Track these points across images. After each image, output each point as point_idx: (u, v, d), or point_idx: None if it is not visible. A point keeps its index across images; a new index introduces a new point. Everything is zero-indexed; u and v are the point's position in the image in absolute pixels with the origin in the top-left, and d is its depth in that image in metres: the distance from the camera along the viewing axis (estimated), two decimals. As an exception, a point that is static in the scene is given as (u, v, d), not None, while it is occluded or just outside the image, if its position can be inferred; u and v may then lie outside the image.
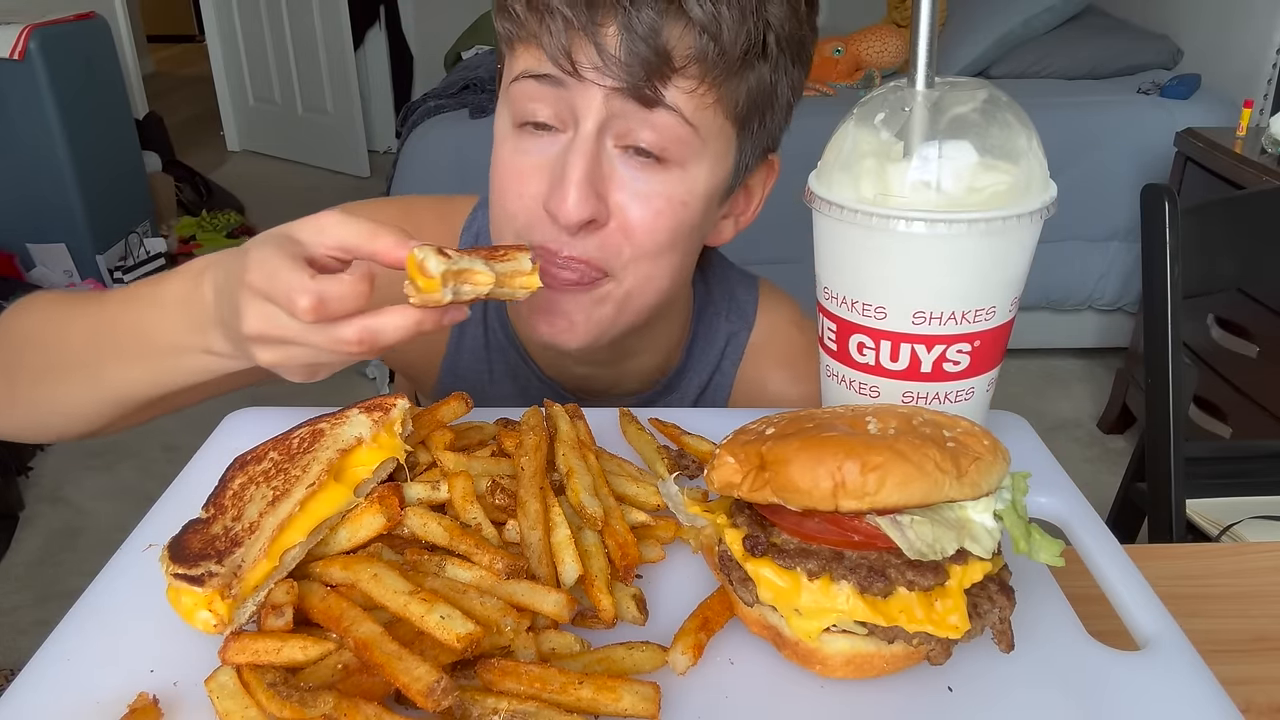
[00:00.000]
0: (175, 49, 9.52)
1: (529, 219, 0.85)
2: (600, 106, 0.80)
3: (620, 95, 0.80)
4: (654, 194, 0.84)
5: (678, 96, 0.80)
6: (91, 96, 4.17)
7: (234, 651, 0.55)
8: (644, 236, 0.85)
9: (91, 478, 3.16)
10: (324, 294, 0.63)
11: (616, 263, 0.85)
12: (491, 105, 3.59)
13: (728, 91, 0.82)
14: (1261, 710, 0.71)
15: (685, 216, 0.86)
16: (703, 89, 0.81)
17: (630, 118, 0.81)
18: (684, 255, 0.90)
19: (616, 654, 0.58)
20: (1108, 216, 3.42)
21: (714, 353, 1.08)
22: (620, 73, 0.79)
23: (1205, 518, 1.54)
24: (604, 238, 0.84)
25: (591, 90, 0.80)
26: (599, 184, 0.82)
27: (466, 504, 0.67)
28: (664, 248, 0.86)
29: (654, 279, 0.88)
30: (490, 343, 1.07)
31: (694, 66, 0.79)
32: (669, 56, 0.78)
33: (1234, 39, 3.46)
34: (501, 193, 0.87)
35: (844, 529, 0.57)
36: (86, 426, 0.89)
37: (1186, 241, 1.41)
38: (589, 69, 0.79)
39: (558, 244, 0.84)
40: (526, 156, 0.85)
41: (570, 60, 0.79)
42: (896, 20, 4.20)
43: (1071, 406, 3.56)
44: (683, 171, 0.84)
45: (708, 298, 1.08)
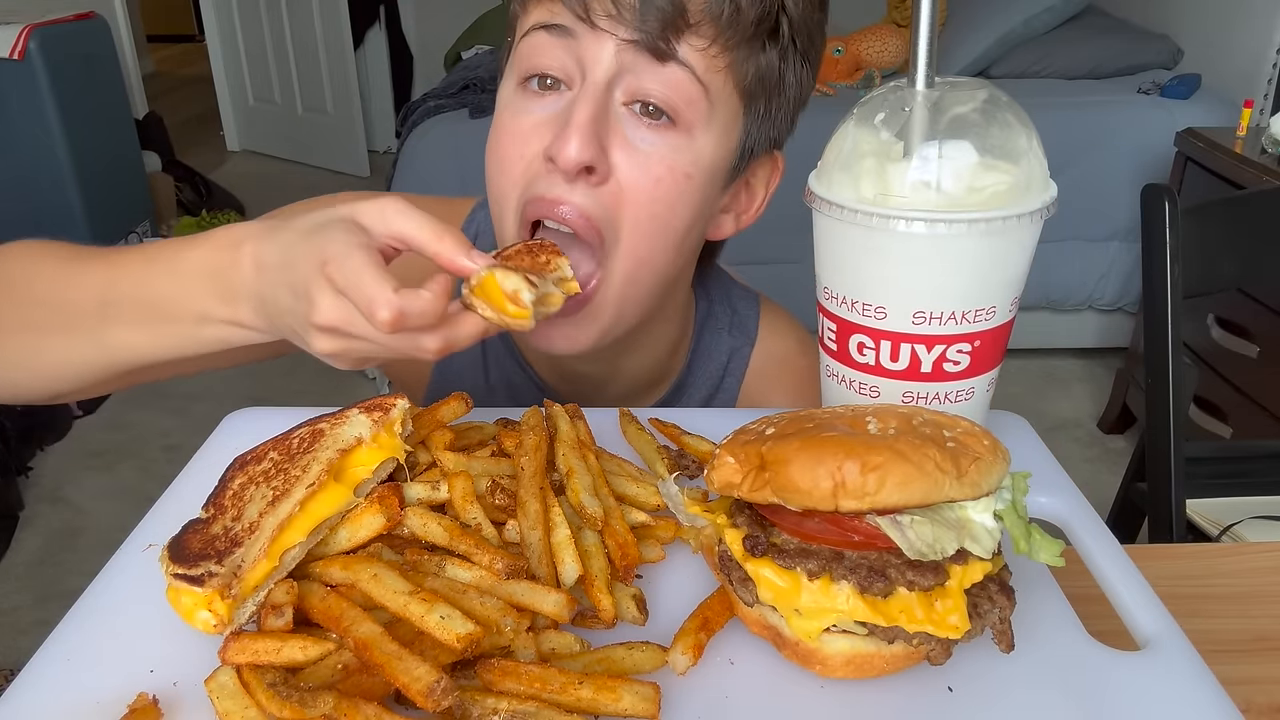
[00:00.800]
0: (175, 49, 9.52)
1: (528, 175, 0.83)
2: (611, 58, 0.79)
3: (633, 48, 0.79)
4: (657, 158, 0.81)
5: (690, 53, 0.79)
6: (91, 96, 4.17)
7: (234, 651, 0.55)
8: (642, 201, 0.82)
9: (91, 478, 3.16)
10: (406, 310, 0.63)
11: (610, 228, 0.82)
12: (491, 105, 3.60)
13: (738, 60, 0.81)
14: (1261, 710, 0.71)
15: (687, 189, 0.83)
16: (714, 49, 0.80)
17: (641, 72, 0.80)
18: (681, 238, 0.87)
19: (616, 654, 0.58)
20: (1108, 216, 3.42)
21: (716, 368, 1.07)
22: (635, 21, 0.78)
23: (1205, 518, 1.54)
24: (600, 194, 0.81)
25: (604, 40, 0.79)
26: (603, 134, 0.80)
27: (466, 504, 0.67)
28: (661, 221, 0.84)
29: (647, 265, 0.86)
30: (487, 351, 1.06)
31: (708, 25, 0.79)
32: (684, 9, 0.78)
33: (1234, 39, 3.46)
34: (501, 157, 0.84)
35: (844, 529, 0.57)
36: (61, 387, 0.85)
37: (1186, 241, 1.41)
38: (603, 17, 0.78)
39: (554, 191, 0.81)
40: (529, 115, 0.83)
41: (585, 7, 0.78)
42: (896, 20, 4.20)
43: (1071, 406, 3.56)
44: (689, 137, 0.82)
45: (709, 311, 1.07)
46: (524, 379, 1.04)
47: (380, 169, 5.89)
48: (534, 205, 0.82)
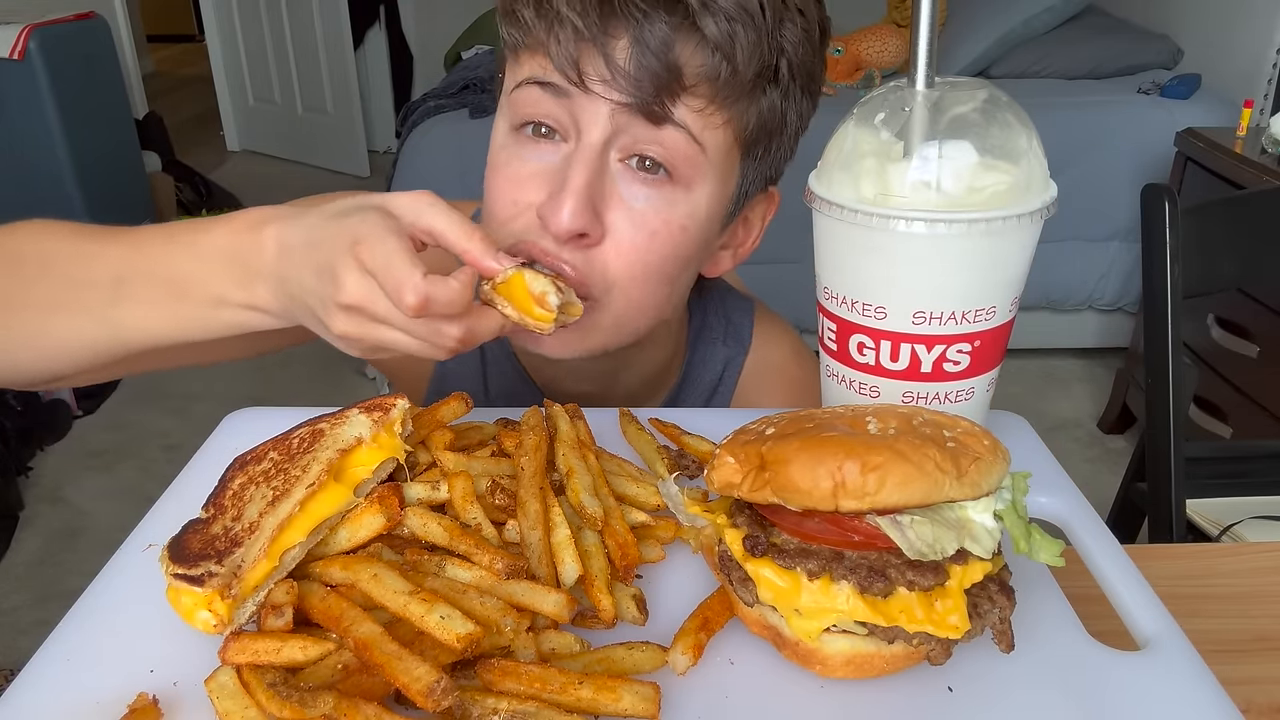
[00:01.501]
0: (175, 49, 9.52)
1: (521, 226, 0.82)
2: (606, 121, 0.79)
3: (627, 111, 0.78)
4: (652, 214, 0.81)
5: (686, 114, 0.79)
6: (91, 96, 4.17)
7: (234, 651, 0.55)
8: (636, 257, 0.82)
9: (91, 478, 3.16)
10: (433, 296, 0.65)
11: (600, 284, 0.82)
12: (492, 105, 3.59)
13: (737, 113, 0.81)
14: (1261, 710, 0.71)
15: (682, 241, 0.84)
16: (711, 109, 0.79)
17: (636, 133, 0.79)
18: (675, 284, 0.88)
19: (616, 654, 0.58)
20: (1108, 216, 3.42)
21: (710, 377, 1.06)
22: (629, 87, 0.77)
23: (1205, 518, 1.54)
24: (592, 255, 0.81)
25: (598, 103, 0.78)
26: (598, 199, 0.80)
27: (466, 504, 0.67)
28: (654, 273, 0.84)
29: (642, 306, 0.86)
30: (487, 358, 1.05)
31: (704, 85, 0.78)
32: (680, 73, 0.77)
33: (1234, 39, 3.46)
34: (495, 199, 0.85)
35: (844, 529, 0.57)
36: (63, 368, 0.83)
37: (1186, 241, 1.41)
38: (596, 81, 0.77)
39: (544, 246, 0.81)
40: (524, 164, 0.82)
41: (578, 71, 0.77)
42: (896, 20, 4.20)
43: (1071, 406, 3.56)
44: (686, 192, 0.82)
45: (704, 322, 1.06)
46: (526, 390, 1.04)
47: (380, 169, 5.89)
48: (525, 248, 0.82)
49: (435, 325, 0.67)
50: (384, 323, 0.67)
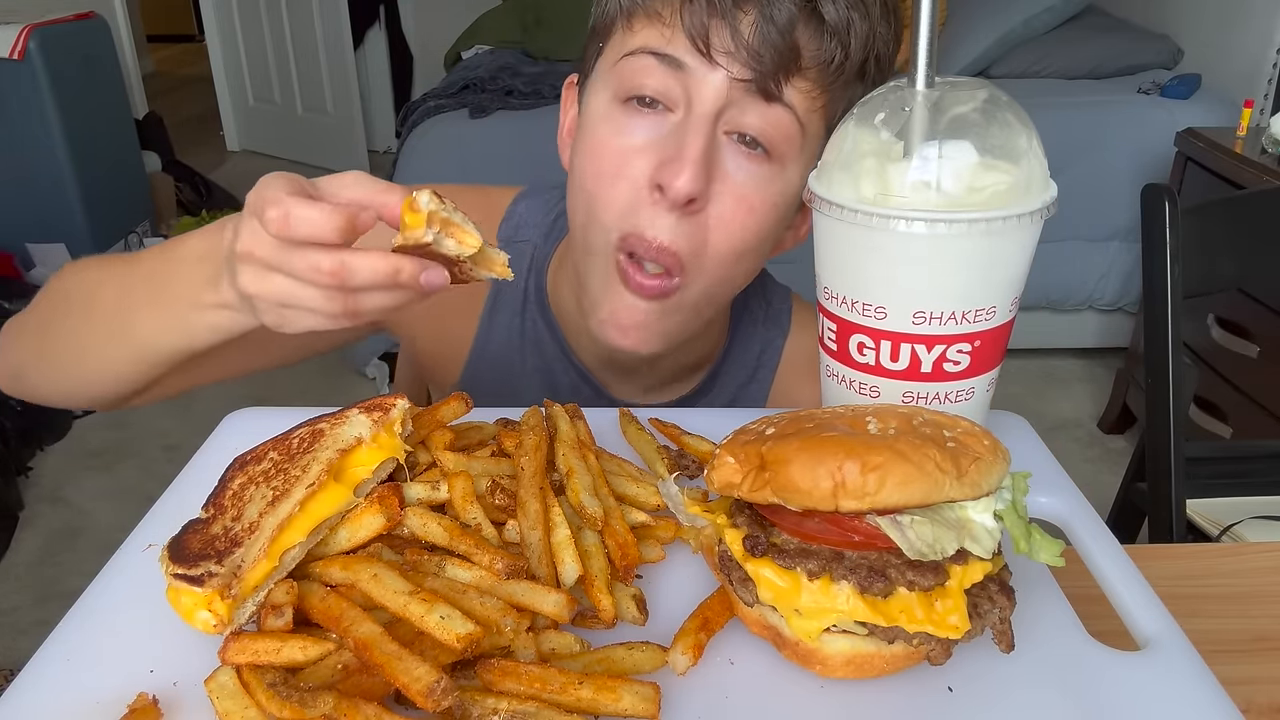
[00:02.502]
0: (175, 49, 9.52)
1: (629, 200, 0.84)
2: (722, 92, 0.81)
3: (742, 86, 0.81)
4: (752, 189, 0.84)
5: (794, 95, 0.82)
6: (91, 96, 4.17)
7: (234, 651, 0.55)
8: (734, 231, 0.85)
9: (91, 478, 3.16)
10: (291, 210, 0.61)
11: (695, 258, 0.85)
12: (492, 105, 3.61)
13: (833, 99, 0.84)
14: (1261, 710, 0.71)
15: (773, 219, 0.87)
16: (816, 91, 0.82)
17: (746, 108, 0.82)
18: (758, 260, 0.91)
19: (616, 654, 0.58)
20: (1108, 216, 3.42)
21: (750, 358, 1.08)
22: (751, 61, 0.79)
23: (1205, 518, 1.54)
24: (695, 225, 0.84)
25: (717, 74, 0.80)
26: (710, 166, 0.82)
27: (466, 504, 0.67)
28: (747, 248, 0.87)
29: (726, 282, 0.90)
30: (525, 333, 1.06)
31: (816, 69, 0.81)
32: (799, 53, 0.80)
33: (1234, 39, 3.46)
34: (599, 173, 0.85)
35: (844, 529, 0.57)
36: (116, 387, 0.86)
37: (1186, 241, 1.41)
38: (720, 53, 0.80)
39: (654, 230, 0.83)
40: (631, 136, 0.84)
41: (706, 41, 0.79)
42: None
43: (1071, 406, 3.56)
44: (781, 168, 0.85)
45: (745, 304, 1.08)
46: (564, 365, 1.05)
47: (380, 169, 5.89)
48: (633, 240, 0.84)
49: (305, 255, 0.63)
50: (268, 264, 0.65)
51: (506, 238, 1.06)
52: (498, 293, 1.06)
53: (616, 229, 0.85)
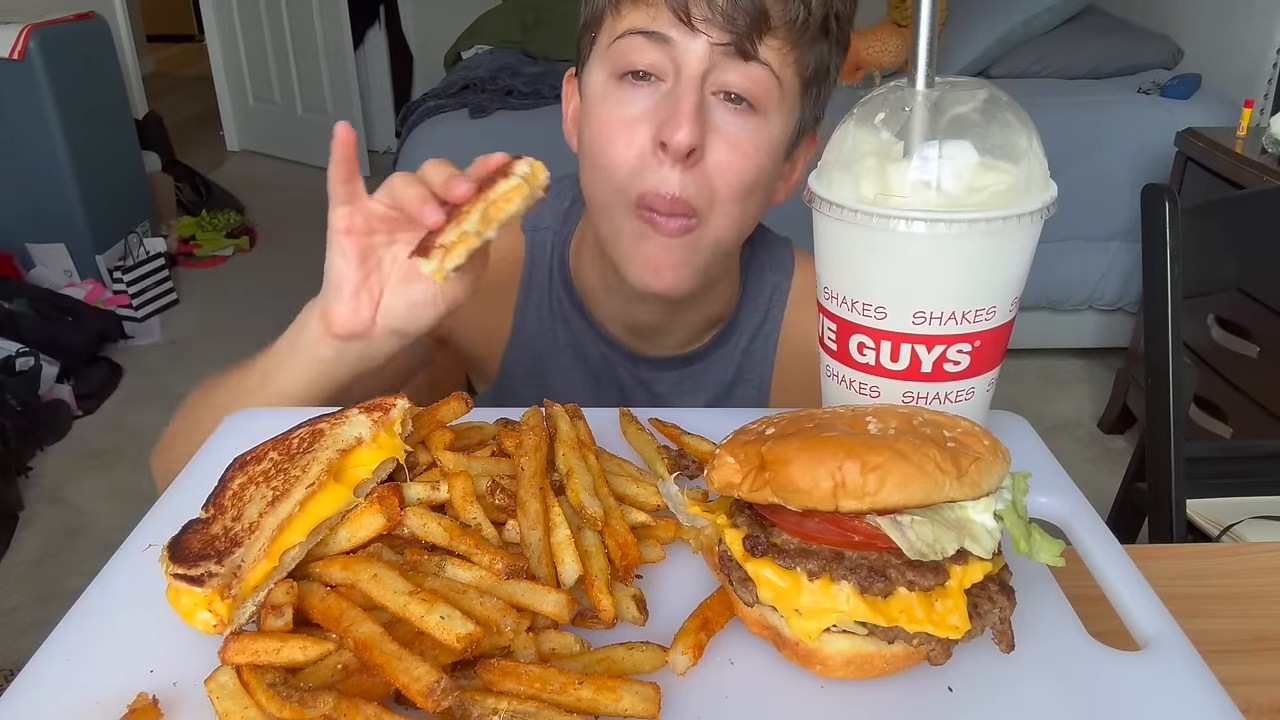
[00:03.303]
0: (175, 49, 9.52)
1: (638, 162, 0.95)
2: (704, 57, 0.92)
3: (722, 48, 0.92)
4: (743, 138, 0.95)
5: (768, 53, 0.93)
6: (91, 96, 4.17)
7: (234, 651, 0.55)
8: (732, 176, 0.95)
9: (91, 478, 3.16)
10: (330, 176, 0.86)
11: (706, 202, 0.96)
12: (492, 105, 3.61)
13: (802, 55, 0.95)
14: (1261, 710, 0.71)
15: (764, 163, 0.97)
16: (787, 48, 0.94)
17: (728, 68, 0.93)
18: (758, 203, 1.01)
19: (616, 654, 0.58)
20: (1108, 216, 3.42)
21: (761, 302, 1.18)
22: (726, 24, 0.90)
23: (1205, 518, 1.54)
24: (699, 174, 0.94)
25: (699, 40, 0.91)
26: (703, 121, 0.93)
27: (466, 504, 0.67)
28: (747, 190, 0.97)
29: (735, 221, 0.99)
30: (554, 311, 1.17)
31: (784, 28, 0.92)
32: (767, 15, 0.91)
33: (1234, 39, 3.46)
34: (608, 143, 0.96)
35: (844, 529, 0.57)
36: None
37: (1186, 241, 1.41)
38: (700, 20, 0.91)
39: (665, 185, 0.94)
40: (630, 106, 0.95)
41: (686, 12, 0.90)
42: (896, 20, 4.20)
43: (1071, 406, 3.56)
44: (764, 120, 0.96)
45: (752, 255, 1.19)
46: (592, 337, 1.17)
47: (381, 169, 5.89)
48: (649, 198, 0.95)
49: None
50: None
51: (530, 227, 1.18)
52: (529, 279, 1.18)
53: (633, 189, 0.96)
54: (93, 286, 4.12)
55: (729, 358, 1.18)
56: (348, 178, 0.86)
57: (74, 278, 4.15)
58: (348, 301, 0.87)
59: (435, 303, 0.89)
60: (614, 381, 1.18)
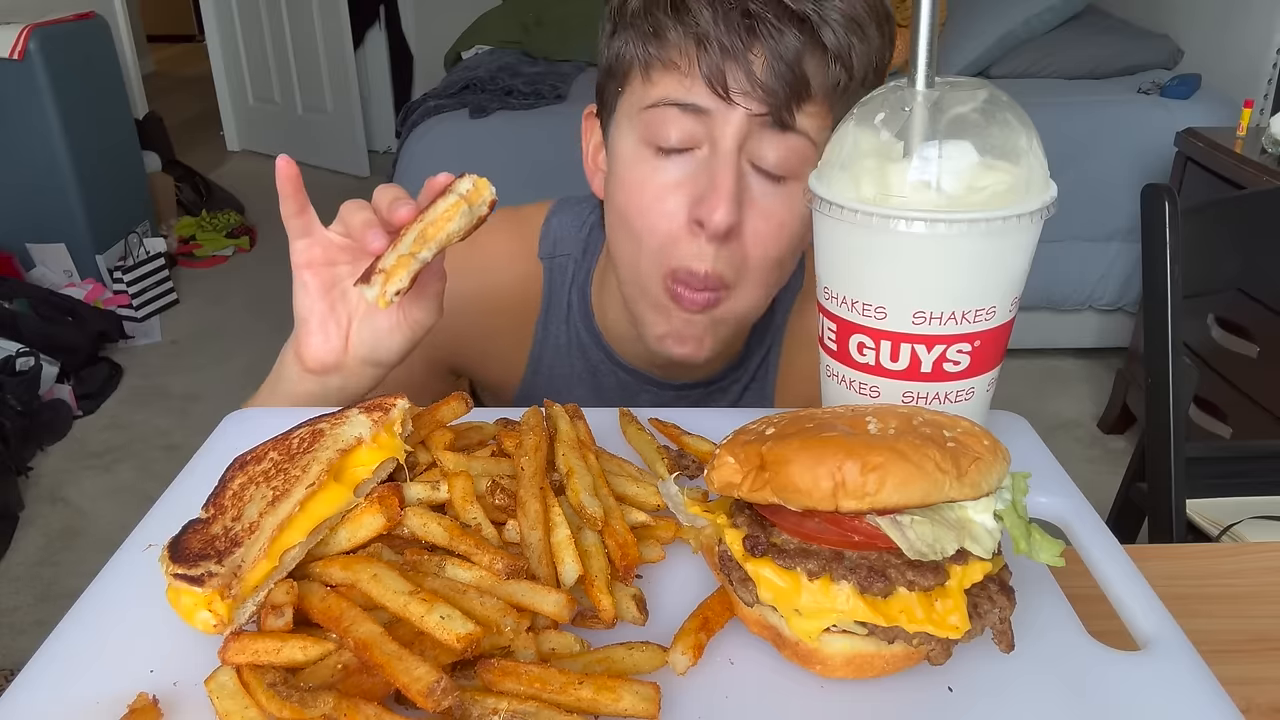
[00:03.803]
0: (175, 49, 9.52)
1: (672, 234, 0.91)
2: (742, 128, 0.87)
3: (759, 120, 0.87)
4: (779, 208, 0.91)
5: (806, 121, 0.88)
6: (91, 96, 4.16)
7: (234, 651, 0.55)
8: (768, 248, 0.93)
9: (91, 478, 3.16)
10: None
11: (738, 276, 0.93)
12: (492, 105, 3.61)
13: (840, 111, 0.89)
14: (1262, 710, 0.71)
15: (801, 230, 0.94)
16: (825, 112, 0.89)
17: (764, 139, 0.88)
18: (792, 263, 0.99)
19: (616, 654, 0.58)
20: (1108, 216, 3.42)
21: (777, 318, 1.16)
22: (765, 96, 0.86)
23: (1205, 518, 1.54)
24: (733, 249, 0.91)
25: (735, 113, 0.87)
26: (741, 196, 0.90)
27: (466, 504, 0.67)
28: (782, 259, 0.95)
29: (764, 290, 0.97)
30: (572, 341, 1.15)
31: (824, 95, 0.88)
32: (808, 83, 0.86)
33: (1234, 39, 3.46)
34: (642, 211, 0.92)
35: (844, 529, 0.57)
36: None
37: (1186, 241, 1.41)
38: (738, 93, 0.86)
39: (700, 261, 0.91)
40: (665, 175, 0.91)
41: (724, 85, 0.85)
42: (897, 20, 4.20)
43: (1071, 406, 3.56)
44: (799, 185, 0.91)
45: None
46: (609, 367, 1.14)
47: (380, 169, 5.90)
48: (681, 274, 0.92)
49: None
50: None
51: (547, 254, 1.14)
52: (548, 310, 1.15)
53: (665, 263, 0.93)
54: (93, 286, 4.12)
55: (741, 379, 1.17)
56: (298, 210, 0.85)
57: (74, 278, 4.15)
58: (316, 334, 0.86)
59: (400, 328, 0.87)
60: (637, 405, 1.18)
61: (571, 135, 1.15)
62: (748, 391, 1.18)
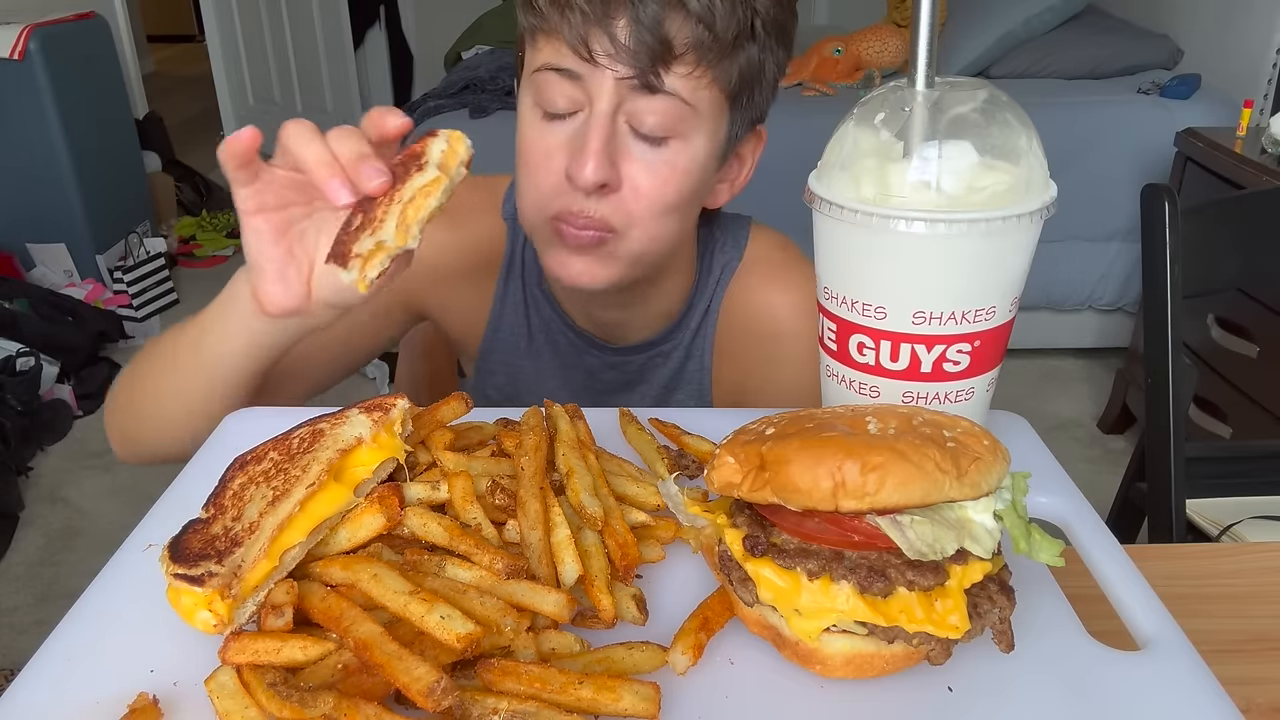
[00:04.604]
0: (175, 49, 9.52)
1: (553, 189, 0.96)
2: (612, 91, 0.91)
3: (628, 83, 0.91)
4: (660, 164, 0.95)
5: (676, 81, 0.91)
6: (91, 96, 4.16)
7: (234, 651, 0.55)
8: (651, 200, 0.96)
9: (91, 478, 3.16)
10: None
11: (625, 223, 0.96)
12: (492, 105, 3.60)
13: (721, 71, 0.93)
14: (1261, 710, 0.71)
15: (686, 183, 0.97)
16: (699, 71, 0.91)
17: (637, 101, 0.92)
18: (685, 217, 1.02)
19: (616, 654, 0.58)
20: (1108, 216, 3.42)
21: (711, 282, 1.19)
22: (630, 60, 0.89)
23: (1205, 518, 1.54)
24: (616, 201, 0.95)
25: (605, 76, 0.91)
26: (614, 154, 0.93)
27: (466, 504, 0.67)
28: (669, 209, 0.97)
29: (659, 238, 1.00)
30: (528, 297, 1.20)
31: (691, 53, 0.90)
32: (670, 45, 0.89)
33: (1234, 39, 3.46)
34: (530, 168, 0.98)
35: (844, 529, 0.57)
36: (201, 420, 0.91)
37: (1186, 241, 1.41)
38: (603, 56, 0.90)
39: (578, 206, 0.95)
40: (551, 136, 0.96)
41: (587, 49, 0.90)
42: (896, 20, 4.20)
43: (1071, 406, 3.56)
44: (684, 143, 0.95)
45: (710, 235, 1.19)
46: (560, 325, 1.19)
47: (380, 169, 5.88)
48: (563, 215, 0.96)
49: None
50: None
51: (508, 215, 1.19)
52: (508, 267, 1.20)
53: (548, 209, 0.98)
54: (93, 286, 4.12)
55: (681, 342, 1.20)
56: (242, 163, 0.83)
57: (74, 278, 4.15)
58: (275, 283, 0.81)
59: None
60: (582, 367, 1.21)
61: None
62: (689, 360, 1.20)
